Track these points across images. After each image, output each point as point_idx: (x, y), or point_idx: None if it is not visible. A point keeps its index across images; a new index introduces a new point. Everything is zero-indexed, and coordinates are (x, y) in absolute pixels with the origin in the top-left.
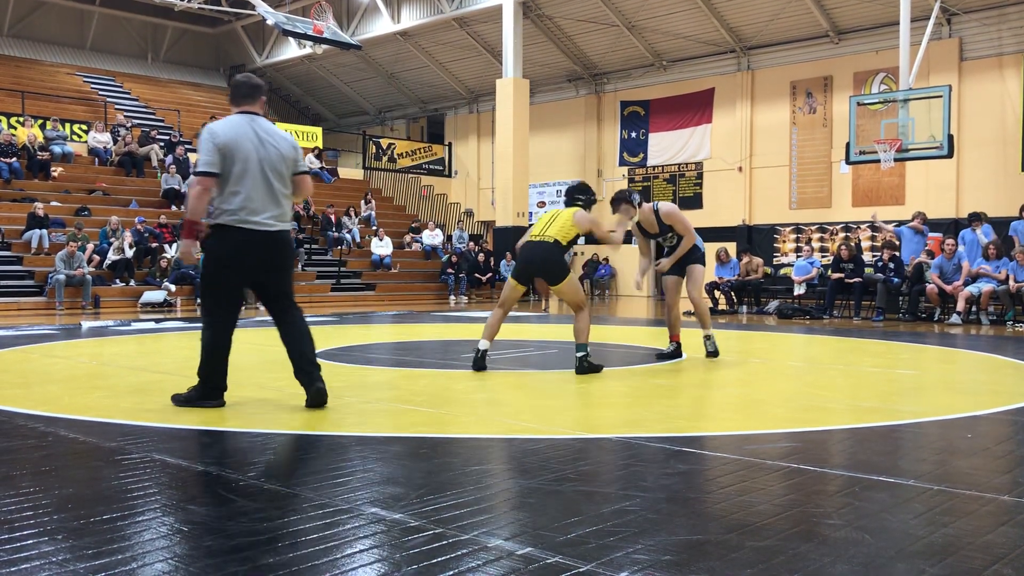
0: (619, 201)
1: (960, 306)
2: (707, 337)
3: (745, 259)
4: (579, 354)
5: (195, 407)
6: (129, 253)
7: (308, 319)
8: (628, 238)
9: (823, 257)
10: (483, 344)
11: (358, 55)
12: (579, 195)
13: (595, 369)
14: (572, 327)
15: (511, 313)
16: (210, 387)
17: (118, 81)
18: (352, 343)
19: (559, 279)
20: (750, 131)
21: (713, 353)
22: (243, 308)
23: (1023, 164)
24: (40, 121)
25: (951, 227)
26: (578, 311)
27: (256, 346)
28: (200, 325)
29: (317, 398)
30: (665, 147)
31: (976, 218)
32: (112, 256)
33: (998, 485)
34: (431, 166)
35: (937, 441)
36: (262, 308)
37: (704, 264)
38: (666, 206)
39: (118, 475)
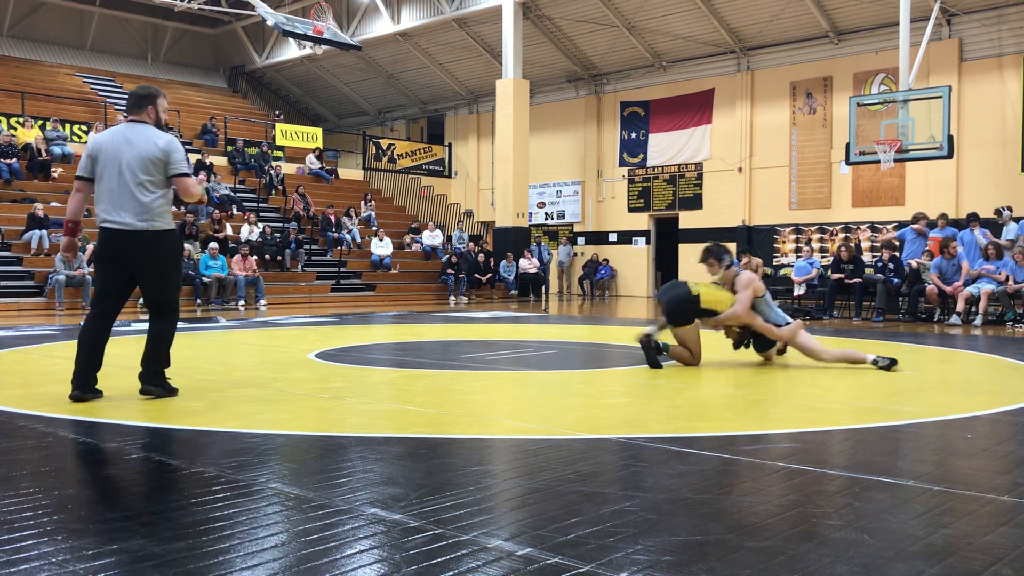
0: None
1: (960, 307)
2: (874, 361)
3: (744, 259)
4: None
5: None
6: None
7: (309, 320)
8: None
9: (823, 258)
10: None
11: (358, 56)
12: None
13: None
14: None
15: (515, 314)
16: (75, 375)
17: (118, 82)
18: (352, 343)
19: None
20: (750, 132)
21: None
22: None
23: (1023, 165)
24: (40, 122)
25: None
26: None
27: (257, 346)
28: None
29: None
30: (665, 148)
31: (975, 219)
32: None
33: (998, 486)
34: (431, 167)
35: (937, 442)
36: (262, 308)
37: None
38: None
39: (118, 476)
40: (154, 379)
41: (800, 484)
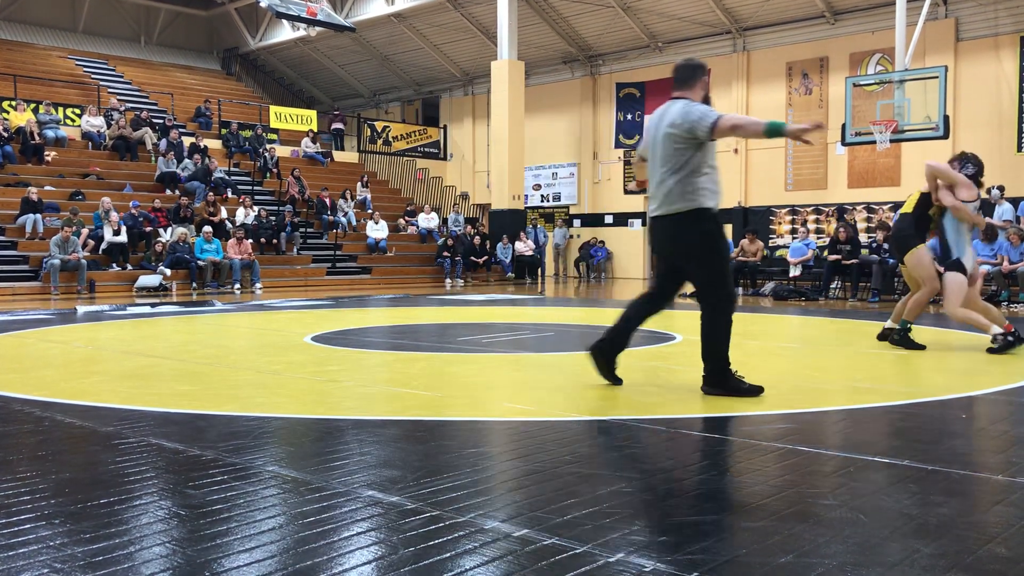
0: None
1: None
2: (994, 337)
3: (746, 241)
4: (893, 326)
5: None
6: (115, 238)
7: (305, 303)
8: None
9: (819, 238)
10: (889, 323)
11: (352, 37)
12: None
13: (912, 346)
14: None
15: (512, 296)
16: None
17: (111, 64)
18: (348, 327)
19: (901, 254)
20: (746, 112)
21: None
22: (258, 290)
23: (1019, 145)
24: (33, 105)
25: None
26: (920, 287)
27: (253, 330)
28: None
29: None
30: None
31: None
32: (109, 238)
33: (992, 465)
34: (426, 149)
35: (932, 421)
36: (258, 291)
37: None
38: None
39: (115, 459)
40: (712, 378)
41: (795, 464)
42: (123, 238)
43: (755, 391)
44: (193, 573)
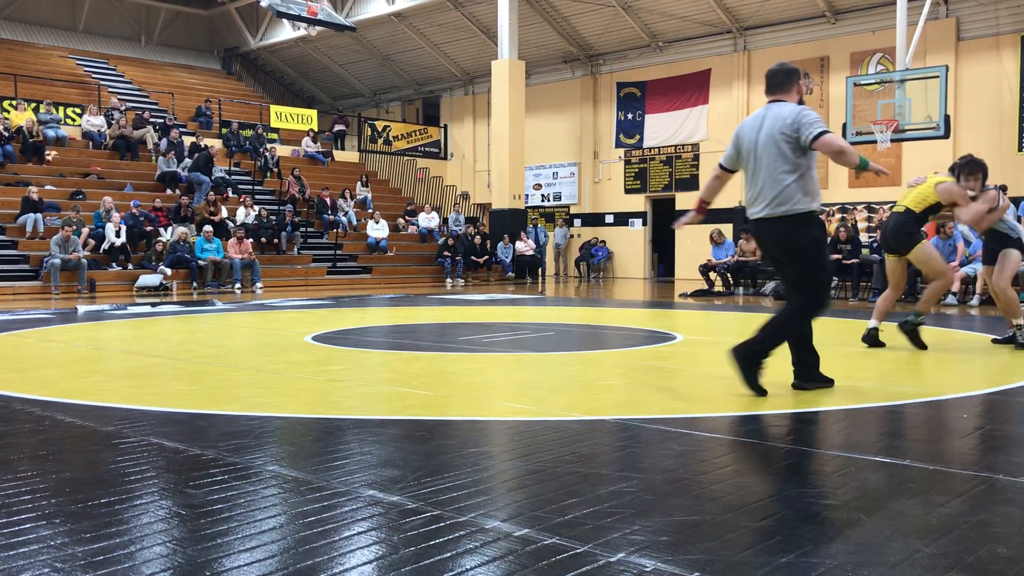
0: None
1: (955, 287)
2: (1019, 327)
3: (743, 239)
4: (911, 318)
5: None
6: (116, 240)
7: (305, 302)
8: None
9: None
10: (872, 323)
11: (352, 37)
12: (954, 166)
13: (917, 342)
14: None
15: (512, 296)
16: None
17: (111, 64)
18: (349, 326)
19: (907, 248)
20: (747, 112)
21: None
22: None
23: (1019, 144)
24: (33, 104)
25: None
26: (933, 279)
27: (253, 329)
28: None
29: None
30: (661, 129)
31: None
32: (111, 238)
33: (993, 465)
34: (427, 148)
35: (933, 421)
36: (258, 290)
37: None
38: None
39: (115, 459)
40: (802, 373)
41: (796, 464)
42: (122, 238)
43: (828, 382)
44: (194, 573)
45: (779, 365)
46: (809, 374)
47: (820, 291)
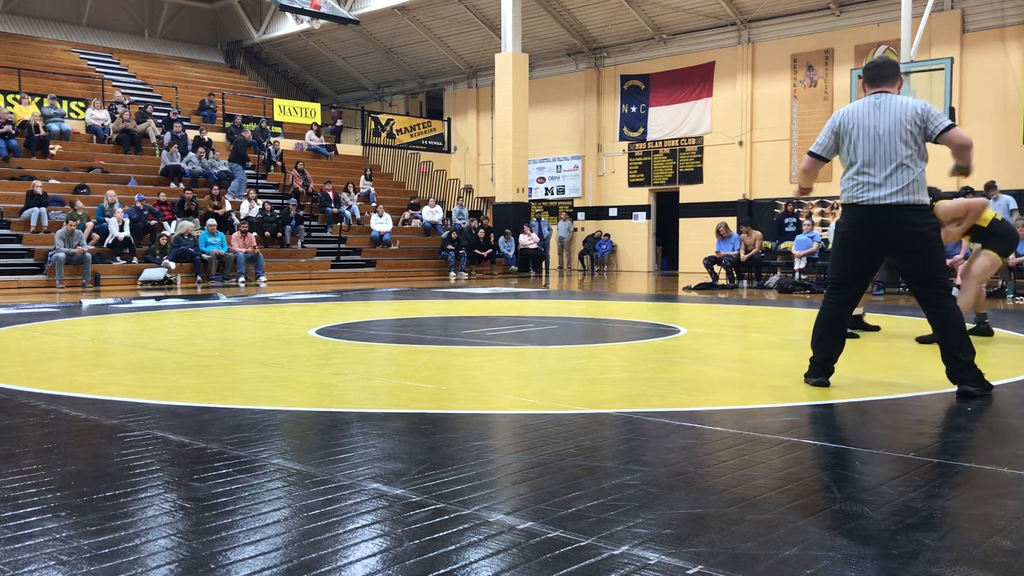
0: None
1: (959, 279)
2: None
3: (744, 232)
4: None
5: None
6: (120, 234)
7: (309, 296)
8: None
9: (824, 231)
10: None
11: (356, 30)
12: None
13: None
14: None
15: (516, 290)
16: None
17: (115, 58)
18: (353, 320)
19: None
20: (751, 105)
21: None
22: (262, 283)
23: None
24: (37, 98)
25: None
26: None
27: (257, 323)
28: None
29: None
30: (665, 121)
31: (992, 187)
32: (115, 232)
33: (997, 458)
34: (430, 142)
35: (936, 414)
36: (262, 284)
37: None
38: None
39: (120, 452)
40: (961, 373)
41: (800, 457)
42: (125, 232)
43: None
44: (198, 565)
45: (778, 362)
46: (833, 358)
47: (947, 277)
